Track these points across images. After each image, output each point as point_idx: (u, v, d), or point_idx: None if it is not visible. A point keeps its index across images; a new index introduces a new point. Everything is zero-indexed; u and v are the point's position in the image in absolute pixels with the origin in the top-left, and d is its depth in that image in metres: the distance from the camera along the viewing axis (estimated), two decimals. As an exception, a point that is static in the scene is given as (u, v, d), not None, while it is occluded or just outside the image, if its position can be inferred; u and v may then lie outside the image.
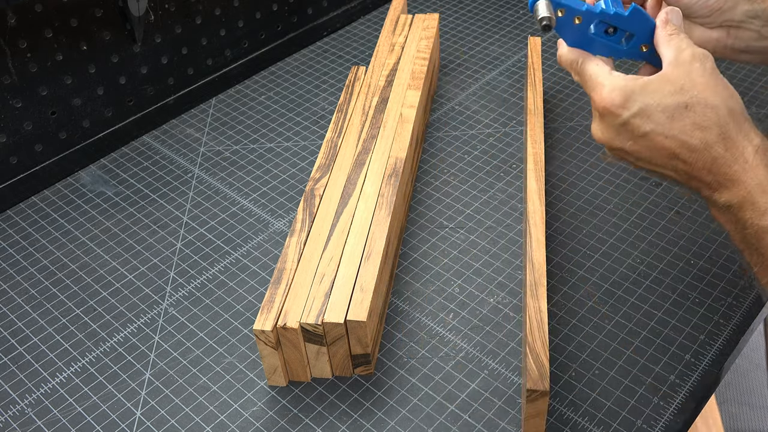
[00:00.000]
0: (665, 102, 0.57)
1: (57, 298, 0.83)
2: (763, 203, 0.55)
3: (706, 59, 0.58)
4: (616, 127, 0.59)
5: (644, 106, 0.57)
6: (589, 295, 0.79)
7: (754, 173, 0.55)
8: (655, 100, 0.57)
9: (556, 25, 0.63)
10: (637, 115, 0.57)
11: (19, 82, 0.91)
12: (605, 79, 0.60)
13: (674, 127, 0.57)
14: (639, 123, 0.58)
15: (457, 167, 0.97)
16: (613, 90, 0.58)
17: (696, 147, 0.57)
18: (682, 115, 0.56)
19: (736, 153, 0.56)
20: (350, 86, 0.98)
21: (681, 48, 0.59)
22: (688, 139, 0.57)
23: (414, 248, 0.86)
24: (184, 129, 1.06)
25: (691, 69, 0.58)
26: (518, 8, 1.29)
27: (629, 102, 0.58)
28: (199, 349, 0.76)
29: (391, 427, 0.69)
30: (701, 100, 0.56)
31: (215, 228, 0.90)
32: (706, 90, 0.57)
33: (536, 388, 0.62)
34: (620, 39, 0.64)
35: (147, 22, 1.00)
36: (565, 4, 0.62)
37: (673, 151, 0.58)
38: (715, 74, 0.58)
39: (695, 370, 0.72)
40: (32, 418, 0.71)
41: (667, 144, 0.57)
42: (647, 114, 0.57)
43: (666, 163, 0.59)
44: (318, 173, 0.85)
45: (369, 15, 1.29)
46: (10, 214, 0.94)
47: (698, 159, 0.57)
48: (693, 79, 0.57)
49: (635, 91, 0.57)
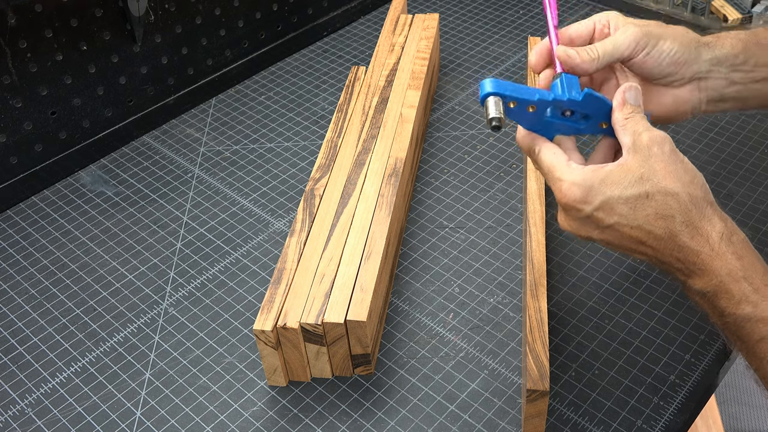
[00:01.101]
0: (626, 194, 0.56)
1: (57, 298, 0.83)
2: (737, 292, 0.55)
3: (665, 142, 0.57)
4: (581, 219, 0.59)
5: (606, 199, 0.57)
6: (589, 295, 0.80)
7: (722, 261, 0.55)
8: (615, 193, 0.56)
9: (511, 114, 0.61)
10: (599, 209, 0.57)
11: (19, 82, 0.91)
12: (563, 173, 0.58)
13: (638, 217, 0.56)
14: (602, 216, 0.57)
15: (457, 167, 0.97)
16: (572, 186, 0.57)
17: (661, 236, 0.56)
18: (644, 204, 0.56)
19: (701, 241, 0.55)
20: (350, 86, 0.98)
21: (638, 132, 0.58)
22: (653, 228, 0.56)
23: (414, 248, 0.86)
24: (184, 129, 1.06)
25: (649, 154, 0.57)
26: (518, 8, 1.29)
27: (590, 196, 0.57)
28: (199, 349, 0.76)
29: (391, 427, 0.69)
30: (661, 189, 0.56)
31: (215, 228, 0.90)
32: (666, 177, 0.56)
33: (536, 388, 0.62)
34: (578, 119, 0.62)
35: (147, 22, 1.00)
36: (516, 98, 0.60)
37: (640, 240, 0.57)
38: (675, 157, 0.57)
39: (695, 370, 0.72)
40: (32, 418, 0.71)
41: (633, 234, 0.57)
42: (609, 207, 0.57)
43: (636, 248, 0.58)
44: (318, 173, 0.85)
45: (369, 15, 1.29)
46: (10, 214, 0.94)
47: (665, 247, 0.57)
48: (652, 166, 0.56)
49: (594, 185, 0.57)
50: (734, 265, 0.55)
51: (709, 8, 1.19)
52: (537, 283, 0.70)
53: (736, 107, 0.69)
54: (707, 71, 0.66)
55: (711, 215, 0.56)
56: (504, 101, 0.60)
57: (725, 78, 0.66)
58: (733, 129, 1.00)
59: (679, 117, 0.68)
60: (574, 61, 0.63)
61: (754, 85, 0.67)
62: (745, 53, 0.66)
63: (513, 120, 0.61)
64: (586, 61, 0.63)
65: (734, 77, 0.66)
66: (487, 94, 0.60)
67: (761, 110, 0.99)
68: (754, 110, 0.93)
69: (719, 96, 0.67)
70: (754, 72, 0.66)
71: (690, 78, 0.66)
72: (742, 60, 0.66)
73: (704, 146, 0.98)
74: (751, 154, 0.96)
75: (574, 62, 0.63)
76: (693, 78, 0.66)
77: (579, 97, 0.61)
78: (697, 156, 0.96)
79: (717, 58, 0.65)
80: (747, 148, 0.97)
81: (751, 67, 0.66)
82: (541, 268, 0.72)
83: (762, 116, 1.02)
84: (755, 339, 0.55)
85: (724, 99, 0.67)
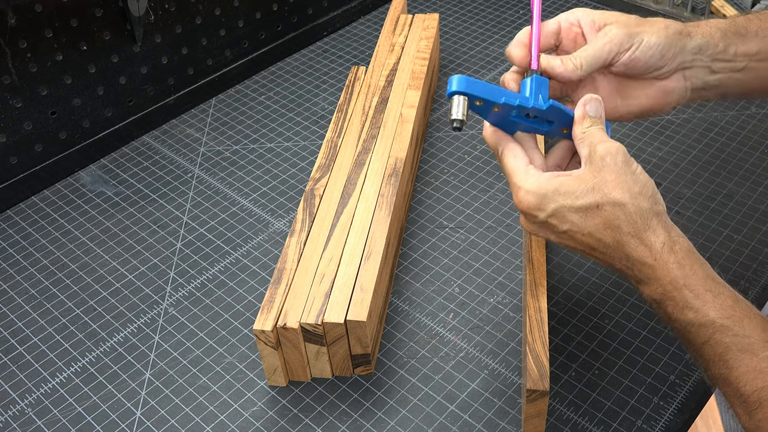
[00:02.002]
0: (577, 203, 0.58)
1: (57, 298, 0.83)
2: (680, 298, 0.57)
3: (618, 153, 0.59)
4: (537, 224, 0.61)
5: (558, 207, 0.59)
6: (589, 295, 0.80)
7: (664, 270, 0.57)
8: (567, 202, 0.59)
9: (476, 110, 0.62)
10: (552, 216, 0.59)
11: (19, 82, 0.91)
12: (520, 179, 0.61)
13: (588, 226, 0.59)
14: (556, 223, 0.60)
15: (457, 167, 0.97)
16: (527, 193, 0.60)
17: (609, 244, 0.59)
18: (594, 214, 0.58)
19: (645, 251, 0.58)
20: (350, 86, 0.98)
21: (593, 144, 0.60)
22: (602, 237, 0.59)
23: (414, 248, 0.86)
24: (184, 129, 1.06)
25: (602, 165, 0.59)
26: (518, 8, 1.29)
27: (543, 204, 0.59)
28: (199, 349, 0.76)
29: (391, 427, 0.69)
30: (610, 200, 0.58)
31: (215, 228, 0.90)
32: (615, 188, 0.58)
33: (536, 388, 0.62)
34: (541, 122, 0.64)
35: (147, 22, 1.00)
36: (482, 98, 0.61)
37: (591, 246, 0.60)
38: (626, 168, 0.59)
39: (695, 370, 0.72)
40: (32, 418, 0.71)
41: (585, 240, 0.60)
42: (561, 215, 0.59)
43: (590, 253, 0.61)
44: (318, 173, 0.85)
45: (369, 15, 1.29)
46: (10, 214, 0.94)
47: (613, 255, 0.59)
48: (604, 177, 0.58)
49: (548, 194, 0.59)
50: (676, 274, 0.57)
51: (709, 8, 1.19)
52: (537, 283, 0.70)
53: (718, 95, 0.70)
54: (691, 60, 0.66)
55: (656, 226, 0.58)
56: (470, 99, 0.61)
57: (708, 66, 0.67)
58: (733, 129, 1.00)
59: (666, 107, 0.69)
60: (556, 71, 0.64)
61: (735, 74, 0.68)
62: (724, 41, 0.67)
63: (478, 114, 0.63)
64: (569, 71, 0.64)
65: (715, 66, 0.67)
66: (453, 92, 0.61)
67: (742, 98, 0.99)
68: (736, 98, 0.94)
69: (703, 84, 0.68)
70: (734, 62, 0.67)
71: (676, 68, 0.66)
72: (722, 48, 0.67)
73: (704, 146, 0.98)
74: (751, 154, 0.96)
75: (556, 72, 0.64)
76: (678, 68, 0.66)
77: (543, 106, 0.62)
78: (697, 156, 0.96)
79: (698, 47, 0.66)
80: (747, 148, 0.97)
81: (731, 56, 0.67)
82: (541, 268, 0.72)
83: (762, 116, 1.02)
84: (700, 342, 0.57)
85: (707, 87, 0.68)
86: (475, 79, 0.61)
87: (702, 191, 0.91)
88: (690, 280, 0.57)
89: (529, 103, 0.62)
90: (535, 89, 0.63)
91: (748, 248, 0.84)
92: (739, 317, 0.55)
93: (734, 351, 0.55)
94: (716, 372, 0.56)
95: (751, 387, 0.54)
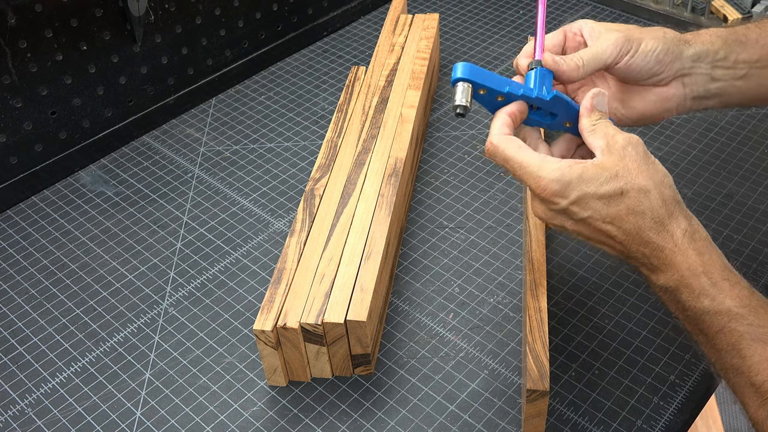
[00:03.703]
0: (601, 190, 0.58)
1: (57, 298, 0.83)
2: (697, 286, 0.57)
3: (638, 144, 0.60)
4: (555, 211, 0.61)
5: (582, 194, 0.59)
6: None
7: (684, 257, 0.58)
8: (591, 189, 0.59)
9: (479, 99, 0.62)
10: (574, 203, 0.59)
11: (19, 82, 0.91)
12: (539, 168, 0.60)
13: (610, 213, 0.59)
14: (577, 210, 0.60)
15: (457, 167, 0.97)
16: (551, 181, 0.59)
17: (630, 231, 0.59)
18: (618, 200, 0.59)
19: (666, 237, 0.58)
20: (350, 86, 0.98)
21: (610, 135, 0.61)
22: (623, 223, 0.59)
23: (414, 248, 0.86)
24: (184, 129, 1.06)
25: (624, 154, 0.59)
26: (518, 8, 1.29)
27: (567, 191, 0.59)
28: (199, 349, 0.76)
29: (391, 427, 0.69)
30: (635, 186, 0.58)
31: (215, 228, 0.90)
32: (639, 175, 0.59)
33: (536, 388, 0.62)
34: (544, 114, 0.64)
35: (147, 22, 1.00)
36: (486, 86, 0.61)
37: (609, 234, 0.60)
38: (647, 158, 0.60)
39: (695, 370, 0.72)
40: (32, 418, 0.71)
41: (604, 228, 0.60)
42: (585, 201, 0.59)
43: (604, 241, 0.61)
44: (318, 173, 0.85)
45: (369, 15, 1.29)
46: (10, 214, 0.94)
47: (632, 242, 0.59)
48: (626, 165, 0.59)
49: (572, 181, 0.59)
50: (695, 261, 0.58)
51: (709, 8, 1.19)
52: (537, 283, 0.70)
53: (720, 104, 0.70)
54: (690, 67, 0.67)
55: (677, 214, 0.59)
56: (474, 88, 0.61)
57: (707, 74, 0.68)
58: (733, 129, 1.00)
59: (665, 114, 0.70)
60: (561, 68, 0.64)
61: (736, 81, 0.69)
62: (725, 49, 0.67)
63: (480, 104, 0.63)
64: (572, 68, 0.65)
65: (716, 74, 0.68)
66: (457, 78, 0.61)
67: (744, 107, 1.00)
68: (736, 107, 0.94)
69: (703, 92, 0.68)
70: (735, 69, 0.68)
71: (674, 75, 0.67)
72: (723, 56, 0.68)
73: (704, 146, 0.98)
74: (751, 154, 0.96)
75: (560, 69, 0.64)
76: (677, 75, 0.67)
77: (547, 97, 0.63)
78: (698, 156, 0.96)
79: (697, 54, 0.67)
80: (747, 148, 0.97)
81: (732, 63, 0.68)
82: (541, 268, 0.72)
83: (762, 116, 1.02)
84: (714, 331, 0.57)
85: (708, 96, 0.69)
86: (479, 68, 0.61)
87: (702, 191, 0.91)
88: (708, 268, 0.57)
89: (534, 93, 0.62)
90: (539, 80, 0.63)
91: (748, 248, 0.84)
92: (754, 307, 0.56)
93: (748, 340, 0.55)
94: (728, 362, 0.56)
95: (763, 377, 0.54)
